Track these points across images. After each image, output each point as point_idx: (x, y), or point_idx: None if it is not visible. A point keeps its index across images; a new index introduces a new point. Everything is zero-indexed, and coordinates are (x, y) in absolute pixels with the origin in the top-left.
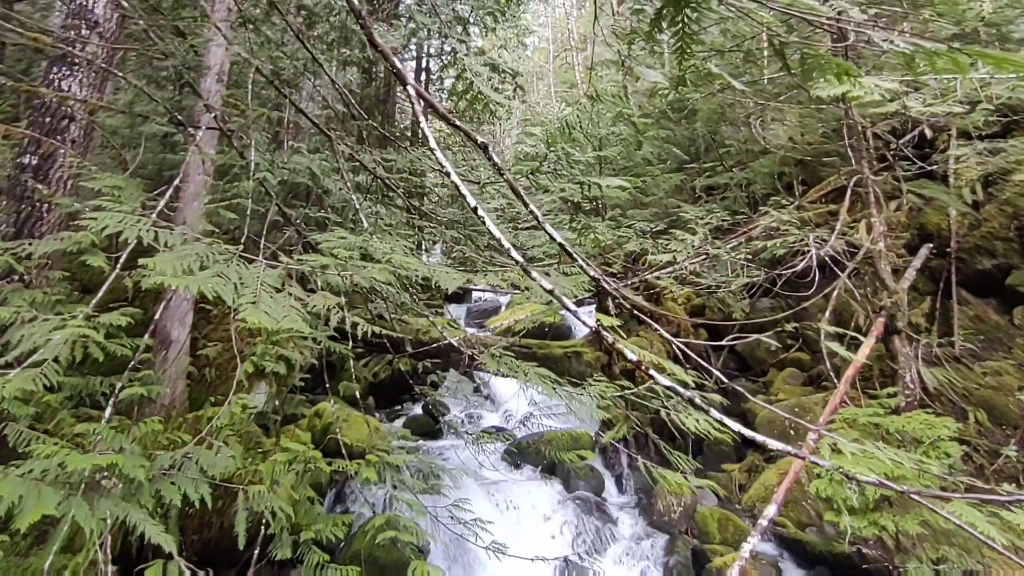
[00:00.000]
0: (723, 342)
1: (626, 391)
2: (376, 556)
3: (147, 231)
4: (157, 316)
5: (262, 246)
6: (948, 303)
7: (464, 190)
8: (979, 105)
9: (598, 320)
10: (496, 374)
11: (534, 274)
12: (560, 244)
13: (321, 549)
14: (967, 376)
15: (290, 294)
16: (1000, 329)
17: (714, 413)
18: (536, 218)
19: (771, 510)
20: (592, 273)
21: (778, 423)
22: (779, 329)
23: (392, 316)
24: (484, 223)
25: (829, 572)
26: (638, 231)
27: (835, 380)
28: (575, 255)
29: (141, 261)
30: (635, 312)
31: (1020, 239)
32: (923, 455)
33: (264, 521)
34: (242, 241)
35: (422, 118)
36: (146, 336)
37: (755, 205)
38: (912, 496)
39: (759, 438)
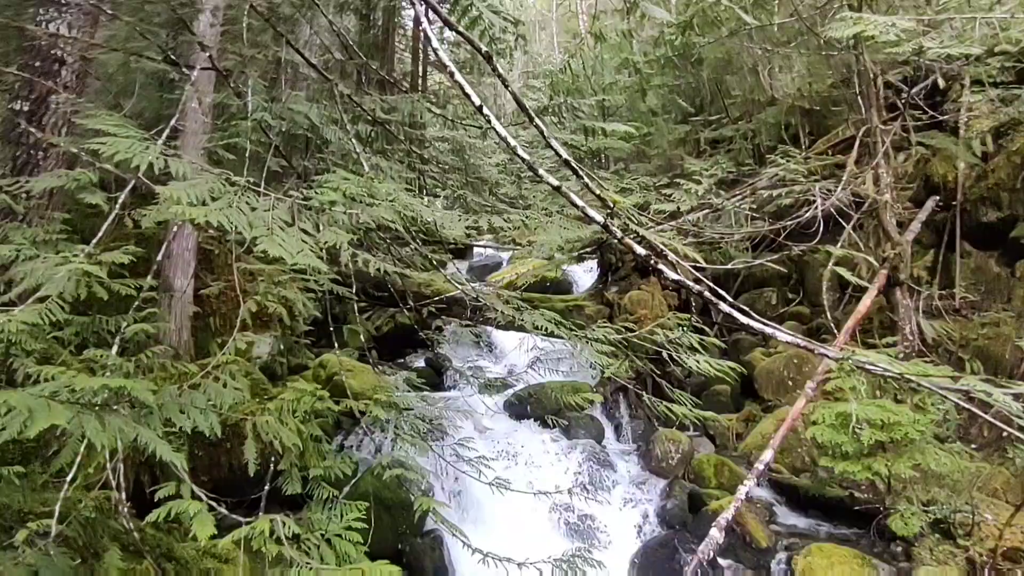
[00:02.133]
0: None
1: (628, 334)
2: (382, 496)
3: (157, 158)
4: (159, 262)
5: (262, 190)
6: (951, 256)
7: (476, 98)
8: (996, 48)
9: (609, 209)
10: (499, 326)
11: (570, 195)
12: (566, 160)
13: (329, 487)
14: (966, 327)
15: (301, 229)
16: (1000, 281)
17: (723, 307)
18: (541, 133)
19: (767, 455)
20: (597, 192)
21: (776, 374)
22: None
23: (395, 270)
24: (508, 144)
25: (821, 515)
26: (641, 183)
27: (835, 332)
28: (580, 171)
29: (156, 191)
30: (637, 264)
31: None
32: (918, 404)
33: (273, 459)
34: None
35: (424, 21)
36: (148, 277)
37: (760, 158)
38: (933, 388)
39: (768, 330)
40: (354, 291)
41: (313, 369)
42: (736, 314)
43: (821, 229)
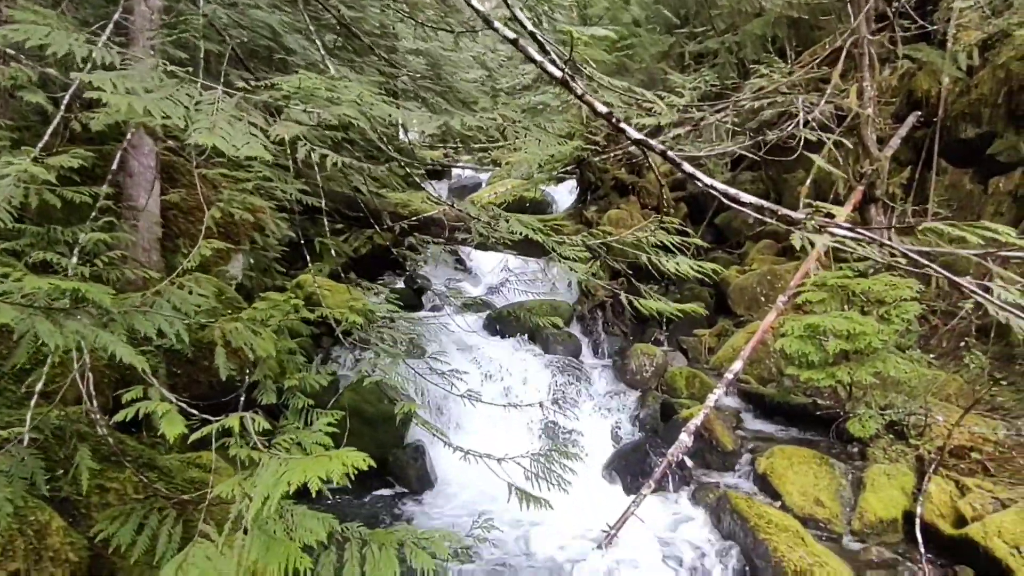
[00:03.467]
0: None
1: (607, 238)
2: (363, 410)
3: (80, 46)
4: (120, 182)
5: (207, 82)
6: (927, 173)
7: None
8: None
9: (564, 72)
10: (477, 245)
11: (528, 49)
12: (513, 15)
13: (304, 397)
14: (935, 243)
15: (251, 123)
16: (972, 198)
17: (686, 167)
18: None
19: (737, 365)
20: (549, 49)
21: (749, 290)
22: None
23: (369, 189)
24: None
25: (785, 421)
26: (623, 99)
27: (809, 249)
28: (528, 23)
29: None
30: (616, 183)
31: (1008, 105)
32: (884, 314)
33: (248, 371)
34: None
35: None
36: (105, 186)
37: (745, 73)
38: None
39: (731, 191)
40: (324, 206)
41: (290, 290)
42: (699, 175)
43: (802, 145)
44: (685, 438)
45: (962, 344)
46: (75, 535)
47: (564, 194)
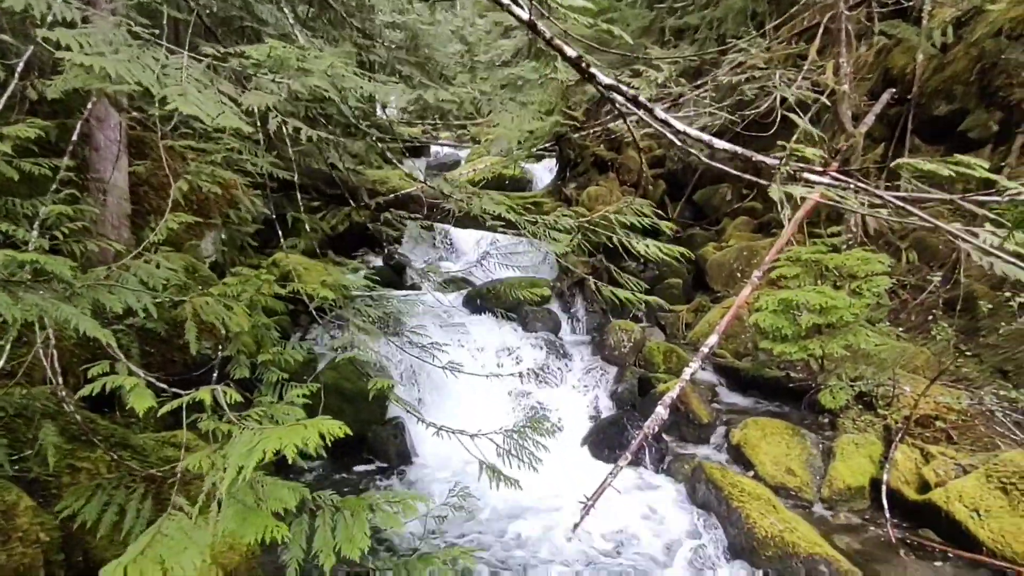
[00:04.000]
0: None
1: (581, 219)
2: (343, 388)
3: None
4: (86, 156)
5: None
6: (900, 150)
7: None
8: None
9: (531, 15)
10: (456, 223)
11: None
12: None
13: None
14: (906, 218)
15: (220, 91)
16: (943, 175)
17: (659, 113)
18: None
19: (712, 339)
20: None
21: (726, 266)
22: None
23: (346, 166)
24: None
25: (759, 394)
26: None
27: (786, 225)
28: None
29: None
30: (596, 160)
31: (980, 82)
32: (856, 288)
33: (220, 347)
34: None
35: None
36: (66, 158)
37: (725, 49)
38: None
39: (704, 137)
40: (299, 181)
41: (265, 268)
42: (672, 121)
43: (778, 120)
44: (661, 411)
45: (930, 318)
46: (45, 515)
47: (544, 172)
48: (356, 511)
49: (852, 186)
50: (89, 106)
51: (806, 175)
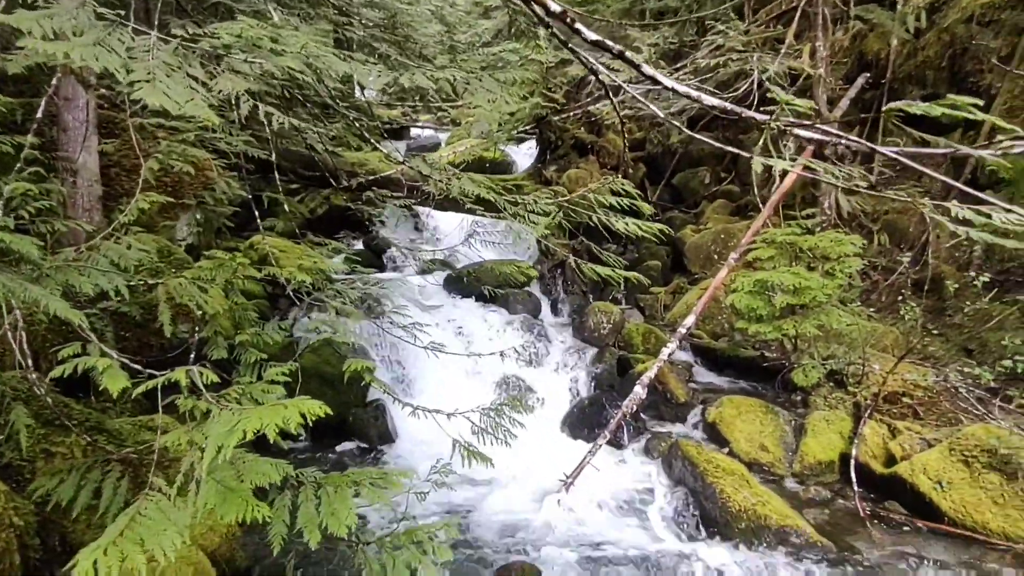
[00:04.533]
0: None
1: (560, 199)
2: (323, 372)
3: None
4: (54, 138)
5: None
6: (874, 134)
7: None
8: None
9: None
10: (436, 205)
11: None
12: None
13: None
14: (878, 201)
15: (190, 75)
16: (915, 158)
17: (645, 68)
18: None
19: (689, 320)
20: None
21: (704, 248)
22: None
23: (324, 148)
24: None
25: (735, 373)
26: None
27: (761, 207)
28: None
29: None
30: (576, 142)
31: (951, 69)
32: (829, 270)
33: (197, 328)
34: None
35: None
36: (29, 135)
37: (704, 31)
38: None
39: (707, 99)
40: (276, 162)
41: (243, 251)
42: (659, 76)
43: (756, 102)
44: (639, 390)
45: (899, 298)
46: (19, 500)
47: (524, 155)
48: (339, 487)
49: (843, 140)
50: (54, 82)
51: (796, 130)
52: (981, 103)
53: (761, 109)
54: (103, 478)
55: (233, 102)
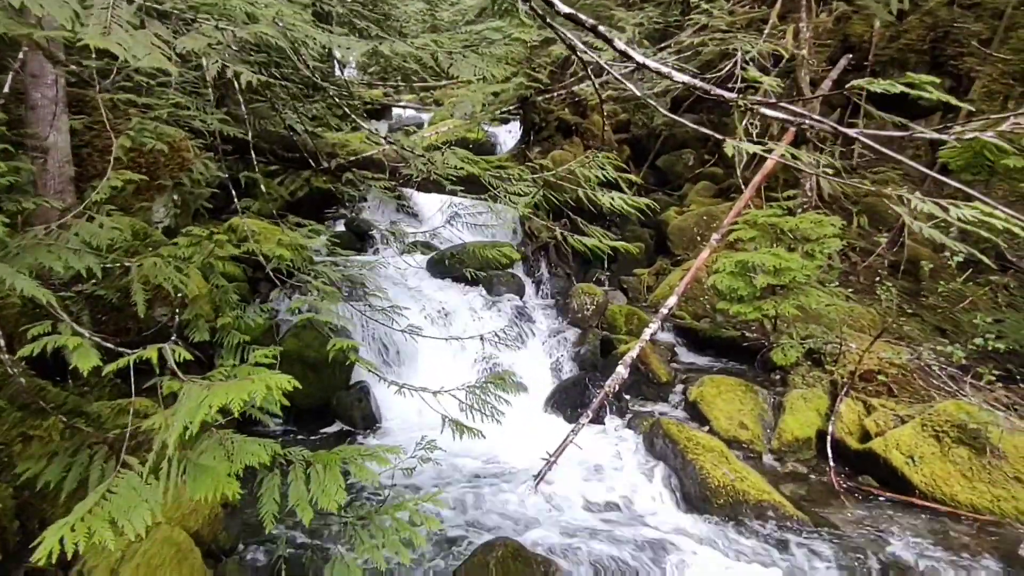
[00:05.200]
0: None
1: (545, 173)
2: (307, 356)
3: None
4: (21, 115)
5: None
6: (856, 117)
7: None
8: None
9: None
10: (419, 186)
11: None
12: None
13: (239, 334)
14: (859, 183)
15: (153, 33)
16: (894, 141)
17: (617, 43)
18: None
19: (672, 301)
20: None
21: (687, 231)
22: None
23: (304, 128)
24: None
25: (716, 353)
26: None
27: (745, 189)
28: None
29: None
30: (560, 124)
31: (932, 52)
32: (809, 250)
33: (177, 310)
34: None
35: None
36: None
37: (689, 11)
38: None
39: (677, 76)
40: (254, 141)
41: (222, 232)
42: (631, 52)
43: (738, 83)
44: (622, 370)
45: (877, 279)
46: None
47: (508, 136)
48: (329, 464)
49: (807, 120)
50: (21, 56)
51: (762, 109)
52: (937, 81)
53: (729, 87)
54: (90, 461)
55: (200, 65)
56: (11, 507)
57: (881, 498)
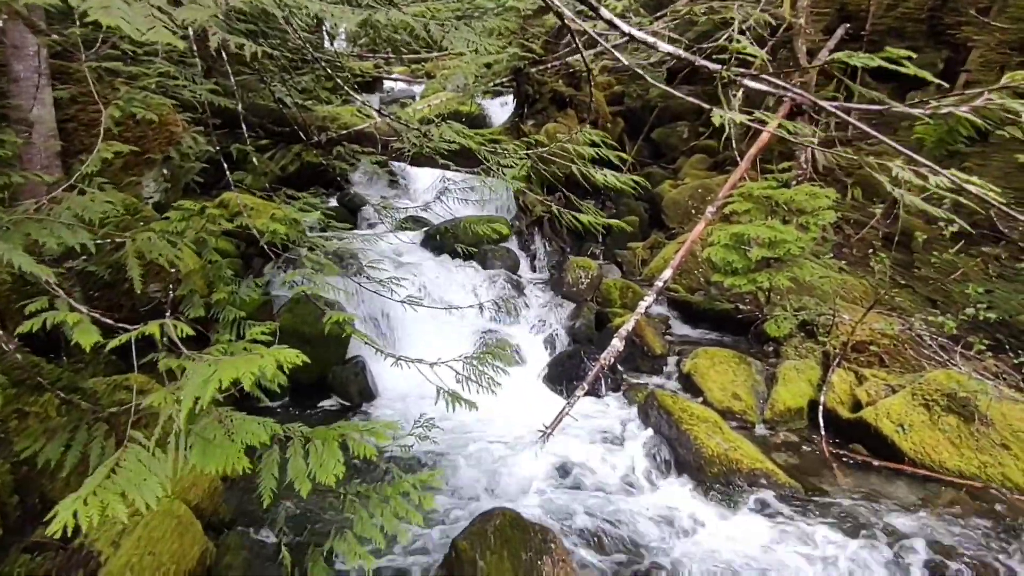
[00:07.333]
0: None
1: (539, 149)
2: (302, 331)
3: None
4: (5, 89)
5: None
6: (851, 89)
7: None
8: None
9: None
10: (411, 160)
11: None
12: None
13: (235, 309)
14: (853, 155)
15: (152, 4)
16: (890, 112)
17: (603, 12)
18: None
19: (666, 274)
20: None
21: (682, 204)
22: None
23: (294, 100)
24: None
25: (710, 326)
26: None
27: (740, 162)
28: None
29: None
30: (554, 96)
31: (930, 21)
32: (804, 222)
33: (171, 286)
34: None
35: None
36: None
37: None
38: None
39: (663, 46)
40: (244, 114)
41: (213, 207)
42: (617, 22)
43: (734, 56)
44: (617, 343)
45: (870, 251)
46: None
47: (501, 108)
48: (327, 440)
49: (789, 92)
50: (0, 26)
51: (744, 80)
52: (914, 55)
53: (715, 58)
54: (90, 437)
55: (197, 37)
56: (9, 482)
57: (871, 466)
